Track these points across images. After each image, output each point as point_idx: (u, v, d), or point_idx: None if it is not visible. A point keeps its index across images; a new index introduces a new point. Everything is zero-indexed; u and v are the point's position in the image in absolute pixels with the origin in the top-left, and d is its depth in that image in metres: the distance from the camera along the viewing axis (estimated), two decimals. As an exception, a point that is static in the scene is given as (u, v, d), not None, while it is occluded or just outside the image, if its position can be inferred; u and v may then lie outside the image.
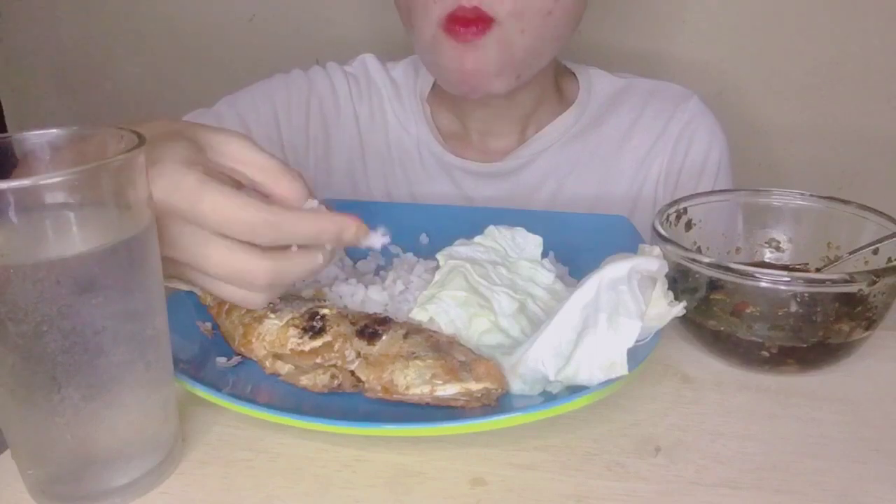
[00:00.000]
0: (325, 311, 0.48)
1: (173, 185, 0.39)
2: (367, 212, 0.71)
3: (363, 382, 0.44)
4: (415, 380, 0.42)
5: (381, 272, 0.60)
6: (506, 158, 0.80)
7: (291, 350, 0.47)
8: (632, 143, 0.81)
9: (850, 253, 0.53)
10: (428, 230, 0.67)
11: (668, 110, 0.81)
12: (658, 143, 0.80)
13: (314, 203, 0.45)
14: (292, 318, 0.48)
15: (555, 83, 0.82)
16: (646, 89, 0.83)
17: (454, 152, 0.81)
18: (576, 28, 0.72)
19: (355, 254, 0.63)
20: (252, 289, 0.42)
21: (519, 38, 0.66)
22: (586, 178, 0.81)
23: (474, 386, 0.42)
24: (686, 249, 0.49)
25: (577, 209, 0.79)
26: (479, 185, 0.81)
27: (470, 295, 0.48)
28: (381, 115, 0.84)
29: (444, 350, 0.44)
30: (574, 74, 0.84)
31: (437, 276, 0.51)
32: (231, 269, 0.41)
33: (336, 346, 0.46)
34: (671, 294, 0.46)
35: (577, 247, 0.59)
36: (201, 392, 0.43)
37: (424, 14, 0.67)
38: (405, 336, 0.45)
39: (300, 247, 0.43)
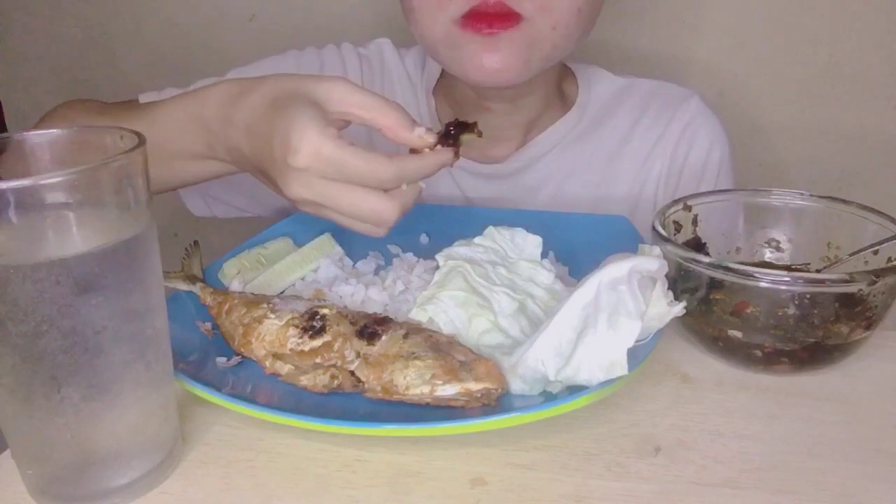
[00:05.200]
0: (325, 311, 0.48)
1: (315, 150, 0.47)
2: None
3: (363, 382, 0.44)
4: (415, 380, 0.42)
5: (381, 272, 0.60)
6: (506, 161, 0.79)
7: (291, 350, 0.47)
8: (632, 146, 0.80)
9: (851, 255, 0.53)
10: (428, 230, 0.67)
11: (668, 112, 0.80)
12: (658, 145, 0.80)
13: (421, 130, 0.51)
14: (292, 318, 0.48)
15: (557, 86, 0.81)
16: (646, 90, 0.82)
17: None
18: (592, 28, 0.71)
19: (355, 254, 0.63)
20: (381, 225, 0.51)
21: (550, 35, 0.65)
22: (586, 181, 0.80)
23: (474, 386, 0.42)
24: (686, 249, 0.49)
25: (577, 211, 0.78)
26: (478, 185, 0.81)
27: (469, 295, 0.48)
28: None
29: (443, 350, 0.44)
30: (573, 73, 0.83)
31: (437, 277, 0.51)
32: (368, 210, 0.49)
33: (336, 346, 0.46)
34: (671, 294, 0.46)
35: (577, 247, 0.59)
36: (201, 392, 0.43)
37: (436, 10, 0.65)
38: (405, 336, 0.45)
39: None
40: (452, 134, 0.53)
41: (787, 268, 0.56)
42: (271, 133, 0.49)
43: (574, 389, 0.42)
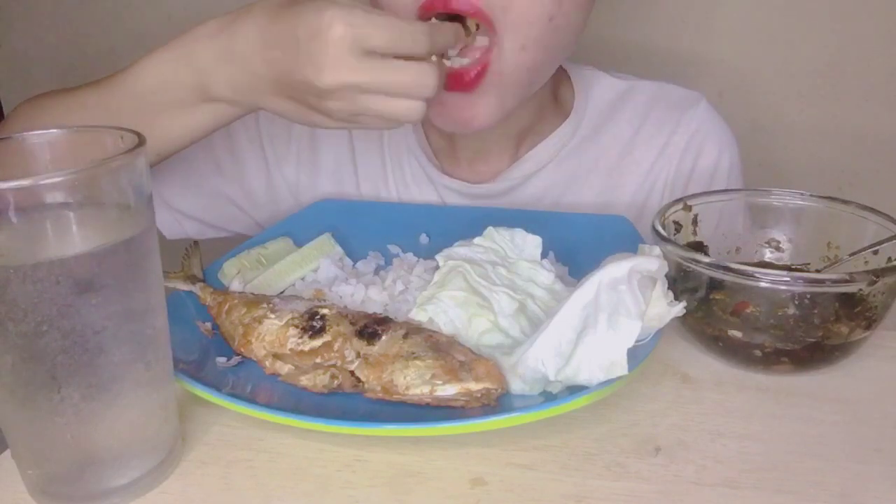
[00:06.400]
0: (325, 311, 0.48)
1: (347, 20, 0.46)
2: (368, 212, 0.72)
3: (363, 382, 0.44)
4: (415, 380, 0.42)
5: (381, 272, 0.60)
6: (496, 180, 0.73)
7: (291, 350, 0.47)
8: (633, 156, 0.75)
9: (851, 255, 0.53)
10: (428, 230, 0.67)
11: (672, 119, 0.75)
12: (662, 155, 0.74)
13: None
14: (292, 318, 0.48)
15: (552, 91, 0.75)
16: (648, 94, 0.76)
17: (444, 168, 0.75)
18: (580, 34, 0.66)
19: (355, 254, 0.63)
20: (423, 91, 0.49)
21: (520, 57, 0.59)
22: (585, 194, 0.75)
23: (474, 386, 0.42)
24: (686, 249, 0.49)
25: None
26: (467, 205, 0.75)
27: (469, 295, 0.48)
28: None
29: (443, 350, 0.44)
30: (569, 77, 0.77)
31: (437, 277, 0.50)
32: (411, 76, 0.48)
33: (336, 346, 0.46)
34: (671, 294, 0.46)
35: (577, 247, 0.59)
36: (201, 392, 0.43)
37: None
38: (405, 336, 0.45)
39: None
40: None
41: (787, 268, 0.56)
42: (294, 25, 0.48)
43: (574, 389, 0.42)
